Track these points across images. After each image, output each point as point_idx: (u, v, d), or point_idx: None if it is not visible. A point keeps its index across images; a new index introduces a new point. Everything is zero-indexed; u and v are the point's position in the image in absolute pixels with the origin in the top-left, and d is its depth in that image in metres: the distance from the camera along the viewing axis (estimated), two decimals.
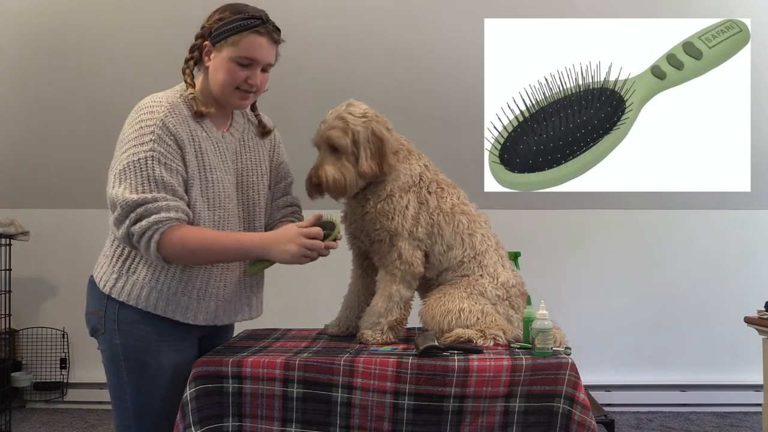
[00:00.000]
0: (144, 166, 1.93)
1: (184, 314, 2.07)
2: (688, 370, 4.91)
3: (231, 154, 2.13)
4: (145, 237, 1.92)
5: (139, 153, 1.93)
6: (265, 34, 2.03)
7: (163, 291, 2.03)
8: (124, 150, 1.96)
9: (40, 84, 4.77)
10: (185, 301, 2.06)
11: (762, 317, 3.38)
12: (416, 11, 4.78)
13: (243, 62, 2.03)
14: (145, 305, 2.02)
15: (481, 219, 2.30)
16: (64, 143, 4.83)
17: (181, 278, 2.04)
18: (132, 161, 1.93)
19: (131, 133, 1.97)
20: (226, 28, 2.02)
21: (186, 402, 1.93)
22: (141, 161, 1.93)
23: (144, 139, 1.94)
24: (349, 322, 2.35)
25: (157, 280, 2.02)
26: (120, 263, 2.04)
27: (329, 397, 1.92)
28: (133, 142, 1.95)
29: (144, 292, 2.02)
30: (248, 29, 2.01)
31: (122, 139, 1.99)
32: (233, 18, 2.02)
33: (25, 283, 4.83)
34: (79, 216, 4.93)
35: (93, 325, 2.09)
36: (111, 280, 2.04)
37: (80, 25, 4.65)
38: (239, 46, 2.01)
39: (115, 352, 2.04)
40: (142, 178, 1.92)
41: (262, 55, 2.04)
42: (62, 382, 4.97)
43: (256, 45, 2.02)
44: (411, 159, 2.25)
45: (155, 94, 2.06)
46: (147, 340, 2.03)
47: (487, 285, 2.19)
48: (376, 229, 2.20)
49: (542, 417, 1.92)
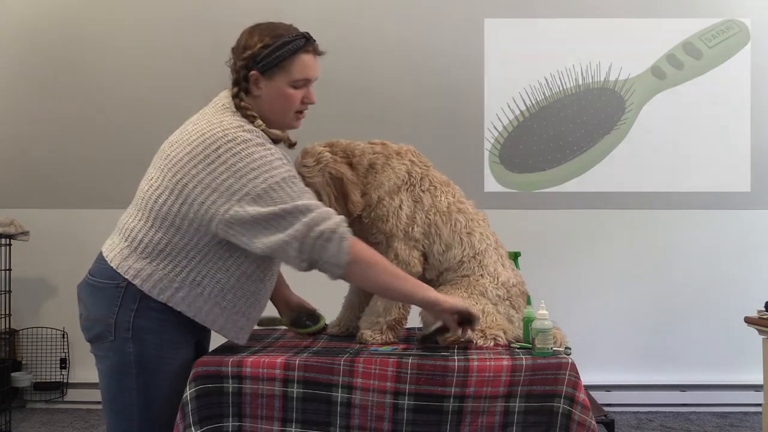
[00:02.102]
0: (291, 183, 1.90)
1: (237, 334, 2.06)
2: (688, 370, 4.91)
3: None
4: (335, 238, 1.87)
5: (276, 176, 1.89)
6: (311, 51, 2.04)
7: (226, 309, 2.01)
8: (253, 177, 1.88)
9: (41, 84, 4.77)
10: (242, 321, 2.05)
11: (762, 317, 3.38)
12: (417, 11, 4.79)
13: (299, 85, 2.02)
14: (204, 319, 1.99)
15: (479, 217, 2.30)
16: (64, 143, 4.83)
17: (248, 300, 2.03)
18: (272, 183, 1.88)
19: (249, 163, 1.89)
20: (276, 56, 1.99)
21: (186, 402, 1.93)
22: (285, 180, 1.90)
23: (274, 164, 1.91)
24: (349, 322, 2.36)
25: (223, 297, 1.99)
26: (185, 274, 1.96)
27: (329, 397, 1.92)
28: (266, 167, 1.89)
29: (206, 307, 1.99)
30: (297, 51, 2.00)
31: (233, 169, 1.89)
32: (279, 43, 1.99)
33: (25, 283, 4.83)
34: (79, 216, 4.93)
35: (98, 332, 2.01)
36: (171, 289, 1.96)
37: (82, 27, 4.66)
38: (293, 70, 2.00)
39: (125, 360, 1.98)
40: (295, 190, 1.90)
41: (313, 73, 2.05)
42: (62, 382, 4.97)
43: (308, 65, 2.02)
44: (391, 162, 2.24)
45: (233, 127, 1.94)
46: (160, 347, 2.00)
47: (488, 285, 2.19)
48: (373, 233, 2.21)
49: (542, 417, 1.92)
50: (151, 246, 1.97)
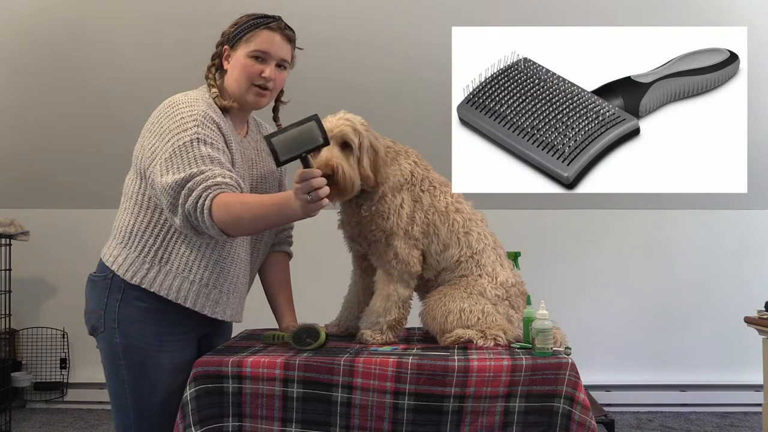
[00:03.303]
0: (190, 148, 1.94)
1: (214, 308, 2.08)
2: (688, 370, 4.91)
3: (247, 160, 2.16)
4: (199, 207, 1.88)
5: (184, 137, 1.95)
6: (277, 30, 2.11)
7: (195, 282, 2.04)
8: (167, 140, 1.96)
9: (41, 84, 4.76)
10: (215, 294, 2.07)
11: (762, 317, 3.39)
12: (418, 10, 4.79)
13: (257, 55, 2.08)
14: (176, 296, 2.03)
15: (477, 217, 2.30)
16: (64, 143, 4.83)
17: (213, 269, 2.05)
18: (177, 146, 1.94)
19: (171, 123, 1.97)
20: (241, 29, 2.11)
21: (186, 402, 1.93)
22: (187, 144, 1.94)
23: (187, 126, 1.96)
24: (349, 322, 2.36)
25: (190, 271, 2.03)
26: (152, 253, 2.02)
27: (329, 397, 1.92)
28: (177, 130, 1.96)
29: (176, 283, 2.02)
30: (260, 26, 2.10)
31: (159, 131, 1.99)
32: (247, 20, 2.12)
33: (25, 283, 4.83)
34: (79, 216, 4.94)
35: (92, 324, 2.09)
36: (142, 270, 2.02)
37: (82, 27, 4.65)
38: (252, 42, 2.09)
39: (114, 351, 2.04)
40: (189, 158, 1.92)
41: (275, 50, 2.10)
42: (62, 382, 4.98)
43: (269, 39, 2.09)
44: (399, 159, 2.24)
45: (186, 92, 2.09)
46: (147, 339, 2.03)
47: (487, 285, 2.19)
48: (372, 230, 2.20)
49: (542, 417, 1.92)
50: (125, 230, 2.06)
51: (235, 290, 2.12)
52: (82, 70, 4.70)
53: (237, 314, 2.18)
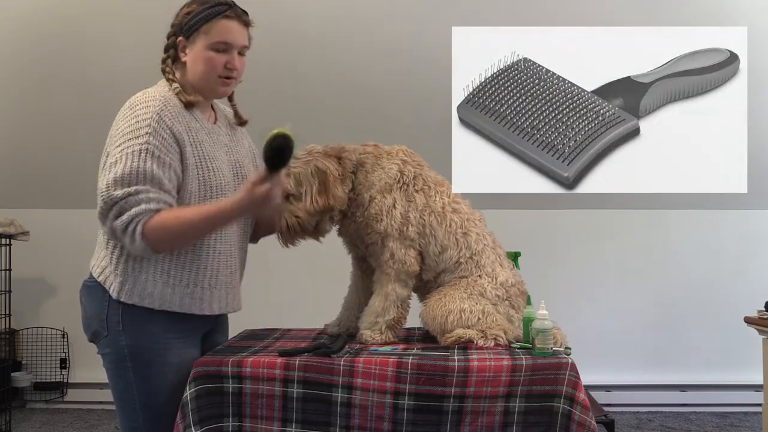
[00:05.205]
0: (137, 158, 1.92)
1: (200, 305, 2.06)
2: (688, 370, 4.91)
3: (222, 146, 2.14)
4: (128, 231, 1.90)
5: (134, 146, 1.93)
6: (234, 17, 2.08)
7: (175, 285, 2.01)
8: (118, 144, 1.95)
9: (41, 85, 4.77)
10: (198, 291, 2.05)
11: (762, 317, 3.38)
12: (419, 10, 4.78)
13: (219, 47, 2.06)
14: (160, 303, 2.00)
15: (475, 217, 2.29)
16: (64, 143, 4.82)
17: (191, 268, 2.03)
18: (125, 154, 1.93)
19: (126, 127, 1.97)
20: (196, 20, 2.06)
21: (186, 402, 1.93)
22: (135, 153, 1.93)
23: (140, 132, 1.95)
24: (349, 322, 2.36)
25: (168, 275, 2.00)
26: (122, 264, 2.00)
27: (329, 397, 1.92)
28: (129, 136, 1.95)
29: (157, 290, 2.00)
30: (217, 16, 2.06)
31: (115, 133, 1.99)
32: (201, 9, 2.07)
33: (25, 283, 4.83)
34: (79, 216, 4.91)
35: (94, 330, 2.05)
36: (116, 284, 2.00)
37: (83, 28, 4.65)
38: (211, 33, 2.05)
39: (120, 354, 2.01)
40: (131, 170, 1.91)
41: (236, 38, 2.08)
42: (62, 382, 4.97)
43: (228, 29, 2.06)
44: (382, 162, 2.24)
45: (146, 89, 2.07)
46: (153, 338, 2.01)
47: (487, 285, 2.19)
48: (368, 233, 2.21)
49: (542, 417, 1.92)
50: (100, 239, 2.08)
51: (218, 284, 2.09)
52: (83, 70, 4.70)
53: (227, 306, 2.14)
